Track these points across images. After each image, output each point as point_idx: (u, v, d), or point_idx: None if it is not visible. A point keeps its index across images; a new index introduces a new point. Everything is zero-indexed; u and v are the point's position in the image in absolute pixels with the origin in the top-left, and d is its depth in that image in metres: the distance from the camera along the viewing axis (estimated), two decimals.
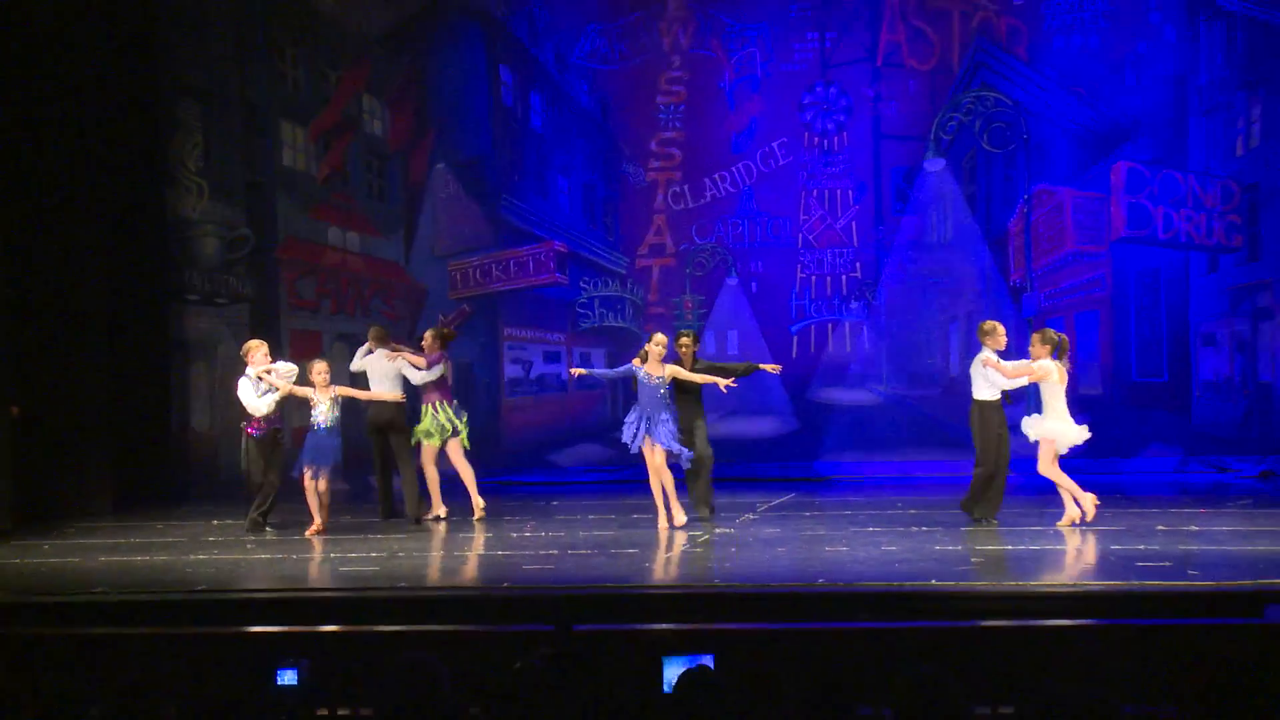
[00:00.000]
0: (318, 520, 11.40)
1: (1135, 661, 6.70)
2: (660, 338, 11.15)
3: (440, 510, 12.14)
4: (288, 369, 11.66)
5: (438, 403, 11.94)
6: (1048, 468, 10.63)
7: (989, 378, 10.79)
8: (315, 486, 11.44)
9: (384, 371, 11.99)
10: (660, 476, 11.09)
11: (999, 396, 10.88)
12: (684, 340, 11.47)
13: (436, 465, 12.09)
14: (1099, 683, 5.07)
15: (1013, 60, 14.93)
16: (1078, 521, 10.55)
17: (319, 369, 11.55)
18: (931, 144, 15.02)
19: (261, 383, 11.49)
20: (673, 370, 11.09)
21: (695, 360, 11.49)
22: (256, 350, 11.56)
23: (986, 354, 10.80)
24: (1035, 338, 10.72)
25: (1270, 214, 14.40)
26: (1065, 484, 10.64)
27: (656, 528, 11.09)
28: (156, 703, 5.10)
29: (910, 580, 8.38)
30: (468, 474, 12.11)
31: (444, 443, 12.00)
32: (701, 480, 11.50)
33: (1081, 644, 7.20)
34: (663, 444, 10.94)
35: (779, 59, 15.29)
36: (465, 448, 12.07)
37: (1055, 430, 10.54)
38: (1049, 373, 10.54)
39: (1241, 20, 14.38)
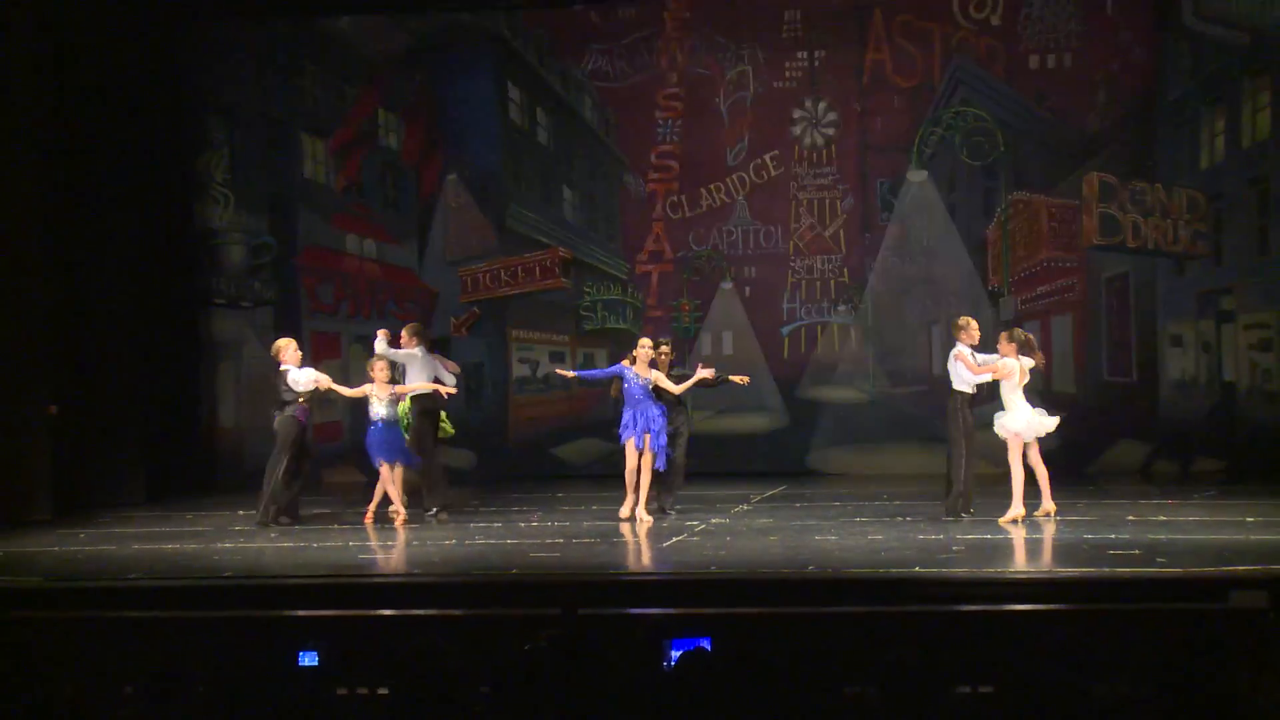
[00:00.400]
0: (402, 511, 11.35)
1: (1107, 644, 6.70)
2: (645, 341, 11.26)
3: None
4: (312, 374, 11.60)
5: None
6: (1014, 460, 10.55)
7: (959, 372, 10.72)
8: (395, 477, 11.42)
9: (428, 367, 11.71)
10: (636, 472, 11.08)
11: (973, 390, 10.79)
12: (662, 348, 11.45)
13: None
14: (1072, 664, 5.07)
15: (991, 78, 14.94)
16: (1052, 513, 10.53)
17: (380, 365, 11.45)
18: (914, 156, 15.02)
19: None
20: (656, 377, 11.15)
21: (670, 368, 11.53)
22: (287, 348, 11.41)
23: (959, 348, 10.70)
24: (1003, 337, 10.66)
25: (1233, 222, 14.40)
26: (1016, 482, 10.46)
27: (652, 518, 11.12)
28: (186, 682, 5.12)
29: (895, 567, 8.40)
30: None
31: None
32: (662, 483, 11.44)
33: (1056, 627, 7.21)
34: (654, 448, 10.95)
35: (771, 76, 15.28)
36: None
37: (1016, 426, 10.47)
38: (1012, 372, 10.47)
39: (1206, 40, 14.37)
